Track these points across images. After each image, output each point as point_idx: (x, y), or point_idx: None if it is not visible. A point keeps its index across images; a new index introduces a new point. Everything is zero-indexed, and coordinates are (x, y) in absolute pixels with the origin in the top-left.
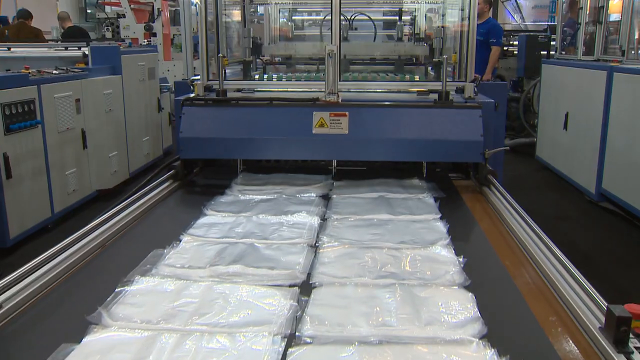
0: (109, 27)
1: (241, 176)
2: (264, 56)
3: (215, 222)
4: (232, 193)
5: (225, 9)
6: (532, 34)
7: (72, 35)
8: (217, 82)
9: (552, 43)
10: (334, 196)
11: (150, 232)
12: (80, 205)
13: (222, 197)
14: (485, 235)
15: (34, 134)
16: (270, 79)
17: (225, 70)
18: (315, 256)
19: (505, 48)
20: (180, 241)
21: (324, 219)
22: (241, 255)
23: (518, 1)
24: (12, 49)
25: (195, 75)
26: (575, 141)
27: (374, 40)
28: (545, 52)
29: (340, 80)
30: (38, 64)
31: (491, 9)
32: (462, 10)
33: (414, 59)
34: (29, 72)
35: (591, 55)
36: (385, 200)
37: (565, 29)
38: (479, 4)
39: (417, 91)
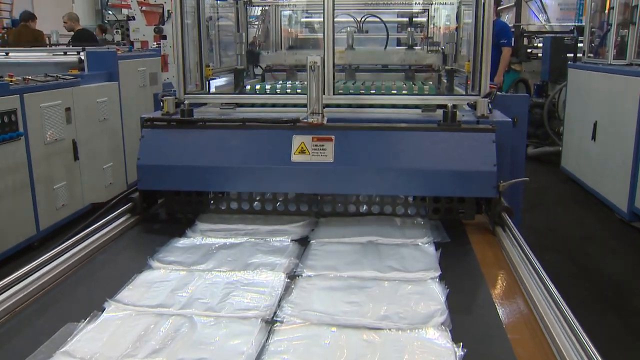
0: (119, 30)
1: (210, 211)
2: (261, 65)
3: (158, 279)
4: (194, 234)
5: (217, 11)
6: (557, 35)
7: (81, 38)
8: (196, 96)
9: (579, 45)
10: (313, 242)
11: (76, 293)
12: (72, 220)
13: (179, 240)
14: (495, 307)
15: (16, 146)
16: (262, 90)
17: (209, 82)
18: (267, 339)
19: (529, 50)
20: (104, 310)
21: (293, 276)
22: (171, 338)
23: (543, 0)
24: (10, 54)
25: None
26: (604, 153)
27: (386, 45)
28: (572, 55)
29: (334, 94)
30: (33, 70)
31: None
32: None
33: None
34: (12, 81)
35: (623, 59)
36: (374, 248)
37: (593, 30)
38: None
39: (423, 107)
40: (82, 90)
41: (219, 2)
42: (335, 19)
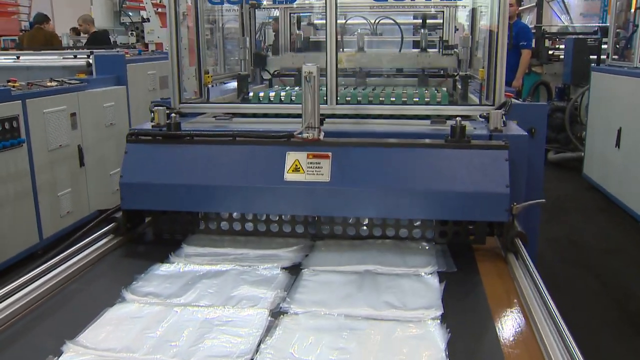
0: (133, 32)
1: (199, 231)
2: (268, 70)
3: (130, 315)
4: (177, 259)
5: (221, 15)
6: (580, 36)
7: (95, 41)
8: (192, 105)
9: (603, 47)
10: (304, 271)
11: (35, 332)
12: (78, 227)
13: (161, 266)
14: (503, 355)
15: (17, 153)
16: (266, 97)
17: (208, 89)
18: None
19: (550, 52)
20: (61, 355)
21: (278, 312)
22: None
23: (565, 0)
24: (20, 58)
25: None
26: (629, 161)
27: (401, 47)
28: (595, 57)
29: (337, 103)
30: (42, 74)
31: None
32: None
33: (441, 71)
34: (14, 86)
35: None
36: (371, 280)
37: (618, 31)
38: (511, 5)
39: (432, 118)
40: (88, 94)
41: (223, 5)
42: (348, 21)
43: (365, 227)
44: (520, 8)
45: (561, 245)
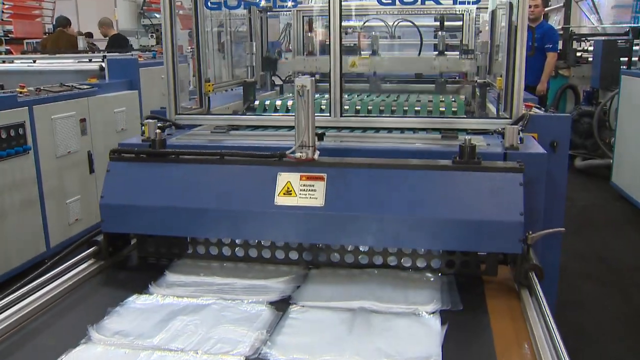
0: (153, 34)
1: (186, 256)
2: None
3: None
4: (158, 289)
5: (229, 19)
6: (610, 38)
7: (114, 44)
8: (188, 117)
9: (634, 49)
10: (292, 308)
11: None
12: (86, 234)
13: (138, 297)
14: None
15: (23, 161)
16: (272, 106)
17: (208, 99)
18: None
19: (578, 54)
20: None
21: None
22: None
23: (595, 0)
24: (37, 62)
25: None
26: None
27: (420, 51)
28: (626, 60)
29: (341, 115)
30: (55, 78)
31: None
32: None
33: (460, 76)
34: (22, 92)
35: None
36: (365, 320)
37: None
38: (537, 6)
39: (443, 132)
40: (98, 100)
41: (230, 10)
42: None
43: (364, 255)
44: (546, 9)
45: (587, 260)
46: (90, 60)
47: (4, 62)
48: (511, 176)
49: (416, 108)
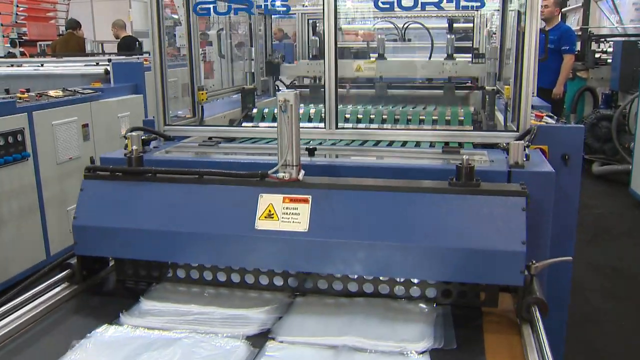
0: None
1: (166, 279)
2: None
3: None
4: (129, 319)
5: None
6: (630, 38)
7: (124, 46)
8: (178, 128)
9: None
10: (270, 344)
11: None
12: None
13: (107, 329)
14: None
15: (22, 168)
16: (270, 114)
17: (202, 108)
18: None
19: (597, 55)
20: None
21: None
22: None
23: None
24: (44, 65)
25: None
26: None
27: (431, 53)
28: None
29: (337, 127)
30: (61, 82)
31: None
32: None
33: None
34: (22, 97)
35: None
36: (347, 358)
37: None
38: (547, 6)
39: (444, 147)
40: (101, 104)
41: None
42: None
43: (354, 282)
44: (563, 9)
45: (603, 273)
46: (97, 64)
47: (11, 65)
48: (513, 200)
49: (421, 117)
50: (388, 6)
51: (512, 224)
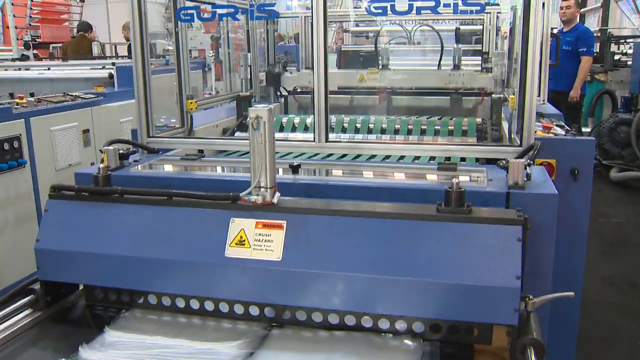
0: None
1: (137, 305)
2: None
3: None
4: (89, 352)
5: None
6: None
7: None
8: (162, 140)
9: None
10: None
11: None
12: None
13: None
14: None
15: (19, 175)
16: None
17: (191, 117)
18: None
19: (616, 57)
20: None
21: None
22: None
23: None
24: (51, 69)
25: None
26: None
27: (440, 57)
28: None
29: (326, 141)
30: (67, 86)
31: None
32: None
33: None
34: (19, 103)
35: None
36: None
37: None
38: (569, 7)
39: (440, 163)
40: (102, 109)
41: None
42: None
43: (335, 314)
44: (581, 10)
45: (619, 287)
46: (103, 67)
47: (19, 69)
48: (507, 230)
49: (423, 127)
50: (381, 11)
51: (505, 256)
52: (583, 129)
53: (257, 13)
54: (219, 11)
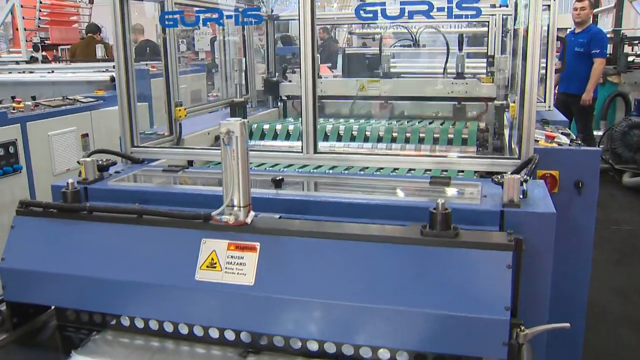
0: (184, 40)
1: (111, 327)
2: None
3: None
4: None
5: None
6: None
7: (141, 50)
8: (146, 149)
9: None
10: None
11: None
12: None
13: None
14: None
15: (14, 181)
16: (258, 132)
17: (180, 125)
18: None
19: (630, 59)
20: None
21: None
22: None
23: None
24: (54, 72)
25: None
26: None
27: (446, 61)
28: None
29: (314, 152)
30: (69, 89)
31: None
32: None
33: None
34: (16, 107)
35: None
36: None
37: None
38: (583, 8)
39: (432, 176)
40: (102, 113)
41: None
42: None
43: (314, 342)
44: (594, 10)
45: (630, 300)
46: (106, 70)
47: (23, 72)
48: (496, 256)
49: (421, 134)
50: (371, 15)
51: (494, 284)
52: (595, 133)
53: (242, 18)
54: (202, 16)
